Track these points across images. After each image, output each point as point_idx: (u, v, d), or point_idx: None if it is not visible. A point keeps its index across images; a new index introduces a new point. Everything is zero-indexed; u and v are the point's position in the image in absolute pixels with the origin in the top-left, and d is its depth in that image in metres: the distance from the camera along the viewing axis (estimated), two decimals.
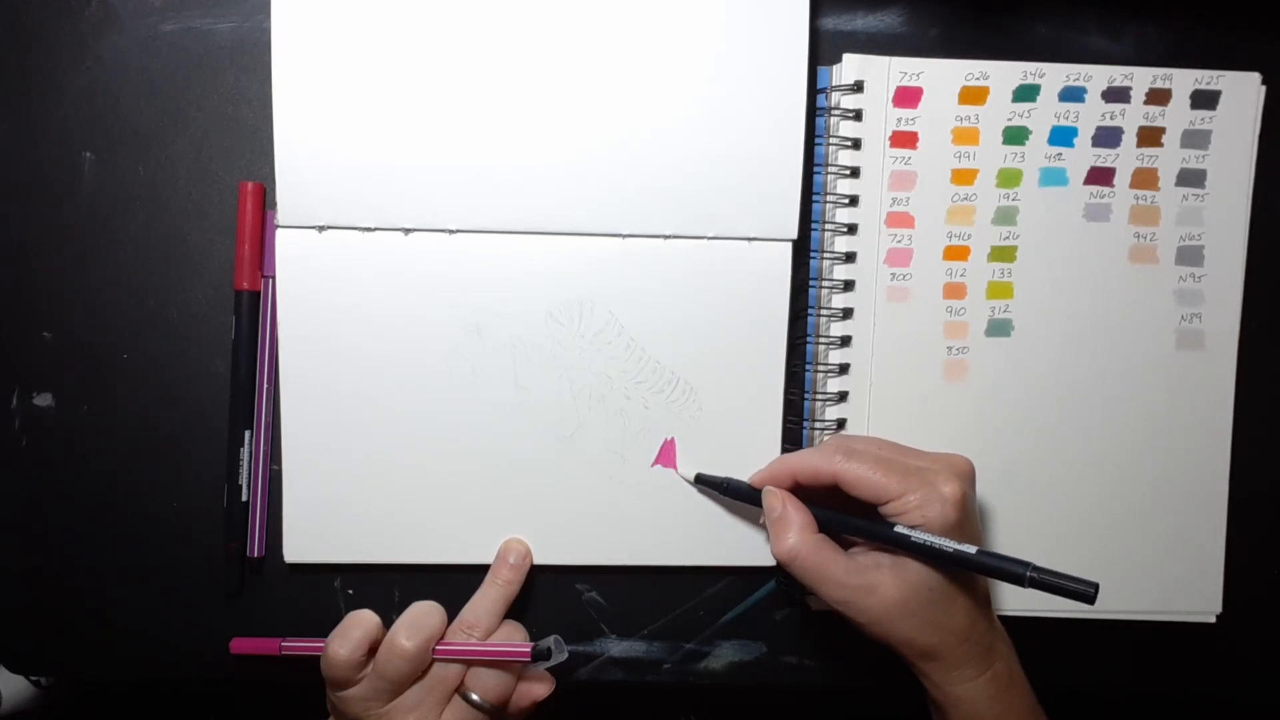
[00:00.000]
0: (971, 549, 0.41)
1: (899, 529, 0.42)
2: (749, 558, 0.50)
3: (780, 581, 0.52)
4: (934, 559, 0.42)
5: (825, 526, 0.45)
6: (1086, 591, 0.39)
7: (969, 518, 0.43)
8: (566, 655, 0.46)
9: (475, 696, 0.46)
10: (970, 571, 0.42)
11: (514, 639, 0.47)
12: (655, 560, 0.50)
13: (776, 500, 0.45)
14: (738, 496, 0.48)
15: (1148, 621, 0.52)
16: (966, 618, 0.43)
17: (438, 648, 0.45)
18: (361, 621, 0.45)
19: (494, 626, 0.47)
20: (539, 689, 0.48)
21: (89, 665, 0.50)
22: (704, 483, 0.49)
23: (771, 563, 0.50)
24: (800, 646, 0.52)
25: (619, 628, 0.52)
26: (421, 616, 0.46)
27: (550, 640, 0.46)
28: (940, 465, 0.44)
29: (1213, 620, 0.52)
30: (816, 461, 0.44)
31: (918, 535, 0.42)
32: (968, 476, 0.44)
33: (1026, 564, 0.40)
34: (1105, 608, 0.51)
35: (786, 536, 0.44)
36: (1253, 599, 0.52)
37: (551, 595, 0.51)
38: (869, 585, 0.42)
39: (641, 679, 0.52)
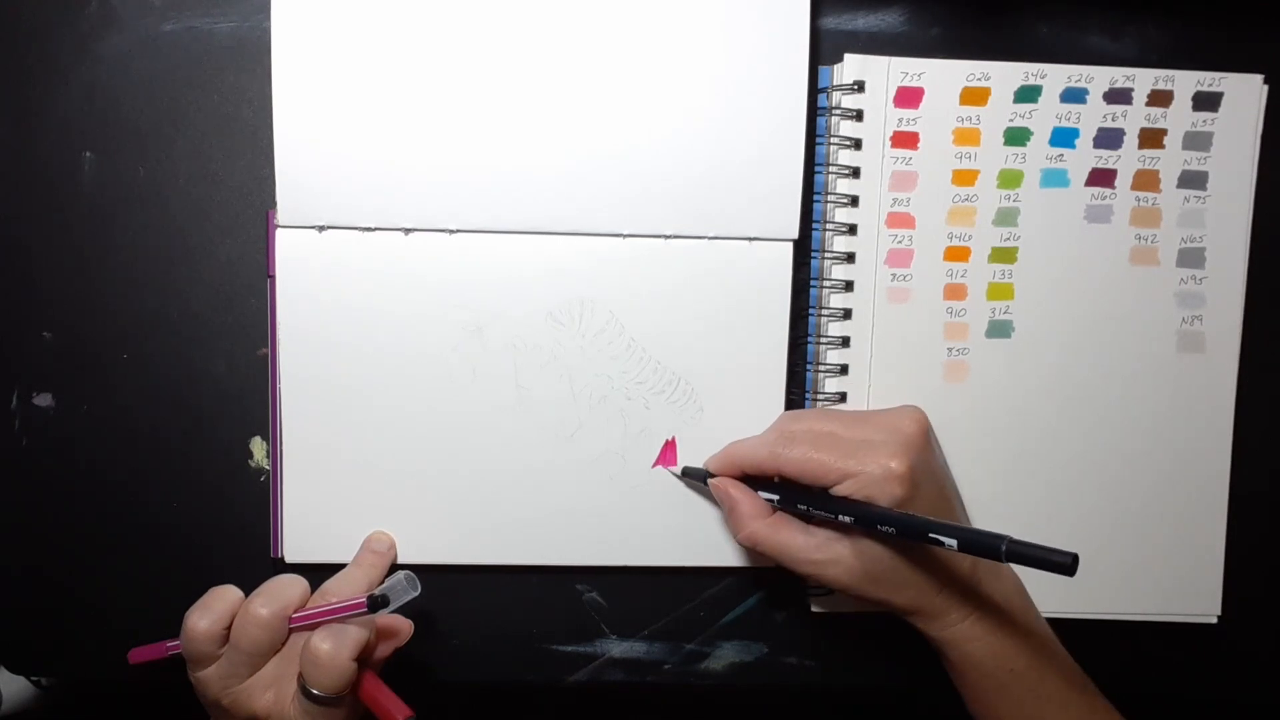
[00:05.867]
0: (946, 528, 0.39)
1: (845, 517, 0.42)
2: (750, 558, 0.50)
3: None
4: (911, 536, 0.40)
5: (784, 504, 0.45)
6: (1064, 562, 0.36)
7: (920, 489, 0.42)
8: (419, 591, 0.45)
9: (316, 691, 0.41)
10: (939, 547, 0.40)
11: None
12: (655, 560, 0.50)
13: (723, 491, 0.46)
14: None
15: (1148, 621, 0.52)
16: (935, 572, 0.43)
17: (293, 616, 0.43)
18: (224, 594, 0.43)
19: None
20: (399, 630, 0.46)
21: (89, 665, 0.50)
22: (689, 475, 0.49)
23: (773, 563, 0.50)
24: (801, 647, 0.52)
25: (619, 628, 0.52)
26: (282, 586, 0.44)
27: (390, 583, 0.45)
28: (884, 433, 0.42)
29: (1213, 621, 0.52)
30: (758, 455, 0.45)
31: (877, 515, 0.41)
32: (917, 441, 0.42)
33: (1003, 537, 0.38)
34: (1105, 608, 0.51)
35: (741, 525, 0.45)
36: (1253, 599, 0.52)
37: (551, 595, 0.51)
38: (831, 558, 0.43)
39: (642, 680, 0.52)
